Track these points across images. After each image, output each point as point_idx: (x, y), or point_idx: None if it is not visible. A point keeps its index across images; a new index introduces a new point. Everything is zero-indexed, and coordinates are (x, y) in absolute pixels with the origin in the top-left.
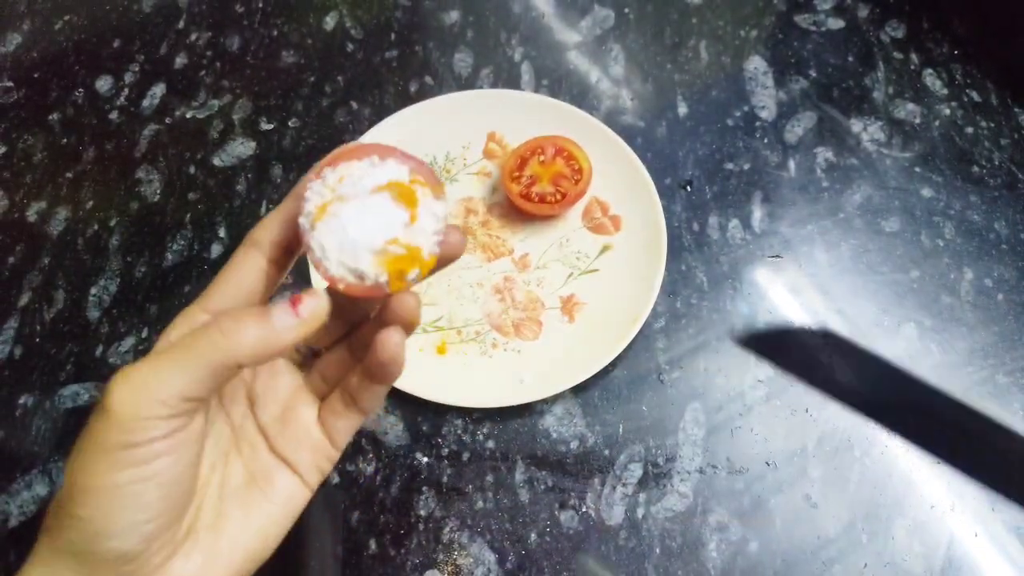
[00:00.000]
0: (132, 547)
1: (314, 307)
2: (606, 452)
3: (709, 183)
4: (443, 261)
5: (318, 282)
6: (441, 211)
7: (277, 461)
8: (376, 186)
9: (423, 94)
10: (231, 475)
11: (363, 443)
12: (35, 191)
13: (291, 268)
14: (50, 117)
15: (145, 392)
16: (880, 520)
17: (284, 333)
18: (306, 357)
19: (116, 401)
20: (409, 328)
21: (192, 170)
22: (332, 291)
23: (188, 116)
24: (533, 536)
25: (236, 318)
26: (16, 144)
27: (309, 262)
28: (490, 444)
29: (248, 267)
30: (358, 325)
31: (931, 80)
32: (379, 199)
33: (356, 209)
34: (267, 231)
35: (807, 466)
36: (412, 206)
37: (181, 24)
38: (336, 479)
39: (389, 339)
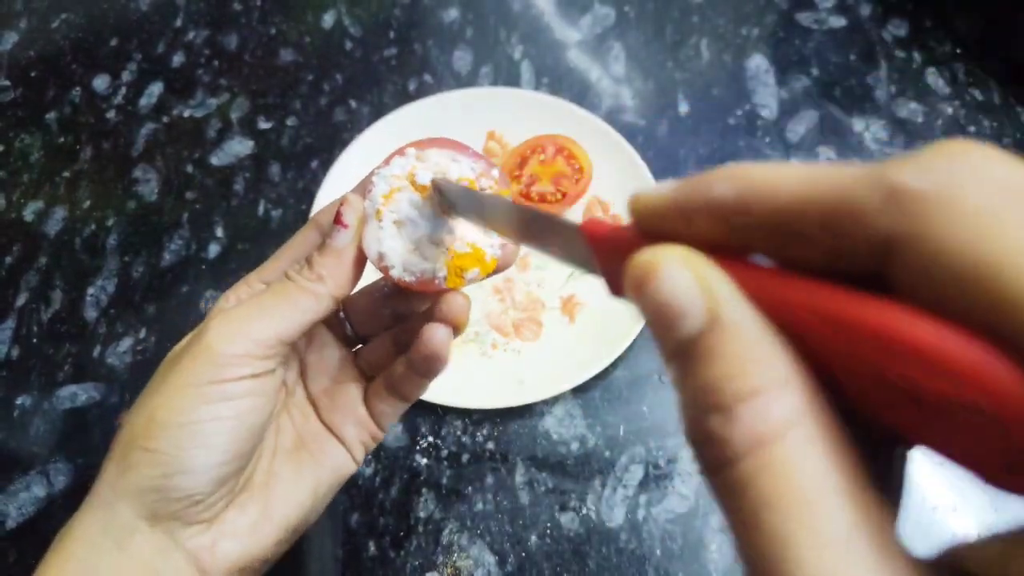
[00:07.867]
0: (201, 487)
1: (351, 210)
2: (607, 453)
3: None
4: (497, 268)
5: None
6: None
7: (325, 430)
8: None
9: (422, 92)
10: (283, 437)
11: None
12: (32, 191)
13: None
14: (47, 116)
15: (244, 331)
16: None
17: (346, 251)
18: (351, 338)
19: (215, 337)
20: (456, 329)
21: (190, 169)
22: (386, 279)
23: (186, 115)
24: (533, 538)
25: (310, 266)
26: (13, 143)
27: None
28: (490, 445)
29: (307, 246)
30: (404, 317)
31: (933, 79)
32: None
33: (417, 203)
34: (328, 214)
35: None
36: None
37: (179, 22)
38: None
39: (435, 334)
